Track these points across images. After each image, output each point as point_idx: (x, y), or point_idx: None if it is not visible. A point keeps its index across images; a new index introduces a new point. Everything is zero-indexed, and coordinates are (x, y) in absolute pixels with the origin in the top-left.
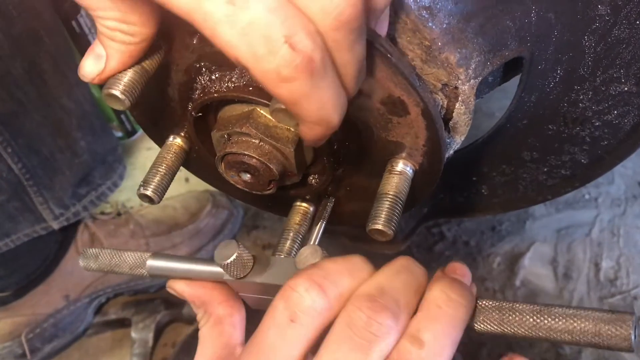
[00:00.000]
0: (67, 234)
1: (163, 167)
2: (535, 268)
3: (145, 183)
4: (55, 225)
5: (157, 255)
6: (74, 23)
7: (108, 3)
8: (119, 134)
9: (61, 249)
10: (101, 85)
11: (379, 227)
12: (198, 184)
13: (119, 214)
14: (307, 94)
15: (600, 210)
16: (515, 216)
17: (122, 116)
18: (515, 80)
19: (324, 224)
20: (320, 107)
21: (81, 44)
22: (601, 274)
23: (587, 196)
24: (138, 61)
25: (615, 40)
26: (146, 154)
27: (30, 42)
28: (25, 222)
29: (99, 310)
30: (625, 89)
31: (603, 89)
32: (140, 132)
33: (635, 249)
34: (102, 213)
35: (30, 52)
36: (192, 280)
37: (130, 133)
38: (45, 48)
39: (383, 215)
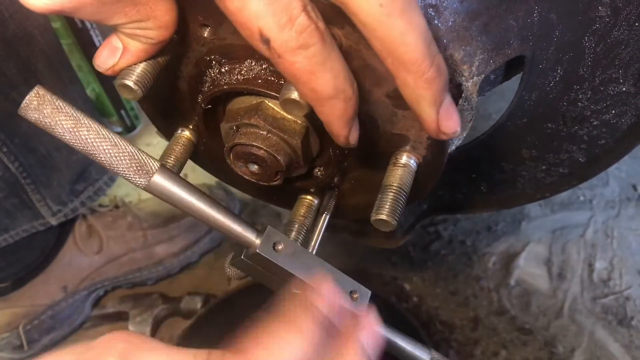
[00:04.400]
0: (65, 226)
1: (172, 159)
2: (530, 268)
3: None
4: (54, 222)
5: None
6: (76, 18)
7: (123, 18)
8: (119, 129)
9: (59, 240)
10: (103, 82)
11: (383, 217)
12: (195, 179)
13: (116, 207)
14: (322, 62)
15: (594, 212)
16: (511, 216)
17: (122, 111)
18: (512, 83)
19: (328, 216)
20: (334, 76)
21: (83, 39)
22: (595, 275)
23: (581, 198)
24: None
25: (614, 41)
26: (145, 150)
27: (24, 42)
28: (23, 218)
29: (96, 304)
30: (624, 89)
31: (602, 88)
32: (140, 127)
33: (629, 251)
34: (101, 205)
35: (24, 52)
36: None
37: (129, 128)
38: (39, 47)
39: (387, 206)
